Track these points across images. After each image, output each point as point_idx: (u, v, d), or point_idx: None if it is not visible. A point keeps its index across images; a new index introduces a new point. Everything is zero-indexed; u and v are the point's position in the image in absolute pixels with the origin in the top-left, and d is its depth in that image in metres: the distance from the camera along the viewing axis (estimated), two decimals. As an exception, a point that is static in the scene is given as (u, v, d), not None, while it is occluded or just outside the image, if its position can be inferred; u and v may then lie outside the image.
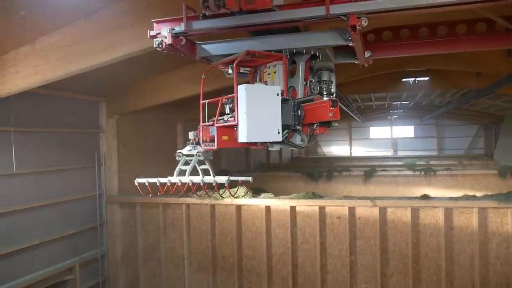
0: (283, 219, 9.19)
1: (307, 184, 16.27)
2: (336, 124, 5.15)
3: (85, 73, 6.54)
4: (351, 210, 8.84)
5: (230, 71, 5.08)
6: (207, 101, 4.82)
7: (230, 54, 4.76)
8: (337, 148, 36.04)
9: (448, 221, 8.36)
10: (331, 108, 4.35)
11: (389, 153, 34.47)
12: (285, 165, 24.77)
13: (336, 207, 8.93)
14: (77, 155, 9.45)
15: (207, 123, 4.75)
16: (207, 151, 6.57)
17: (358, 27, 3.97)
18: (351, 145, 36.25)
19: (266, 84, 4.72)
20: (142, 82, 9.78)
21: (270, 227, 9.30)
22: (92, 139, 9.96)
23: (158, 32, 4.51)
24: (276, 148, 4.64)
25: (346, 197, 9.34)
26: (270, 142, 4.52)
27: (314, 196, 9.27)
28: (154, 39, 4.49)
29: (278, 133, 4.35)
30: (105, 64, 6.23)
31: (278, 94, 4.39)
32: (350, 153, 35.77)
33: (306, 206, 9.08)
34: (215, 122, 4.60)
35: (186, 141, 13.98)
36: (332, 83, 4.94)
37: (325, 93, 4.85)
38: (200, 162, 6.39)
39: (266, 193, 9.71)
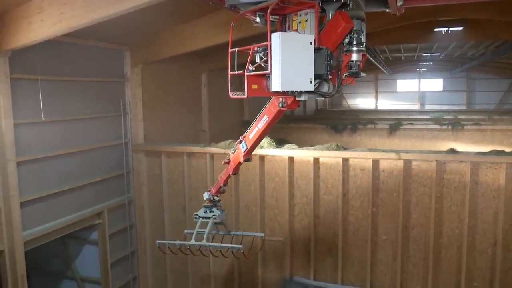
0: (306, 170, 9.24)
1: (331, 136, 16.23)
2: (364, 74, 5.06)
3: (109, 21, 6.45)
4: (375, 162, 8.79)
5: (257, 19, 4.96)
6: (236, 49, 4.74)
7: (259, 2, 4.64)
8: (362, 101, 35.53)
9: (474, 176, 8.25)
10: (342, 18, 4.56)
11: (416, 106, 33.81)
12: (309, 117, 24.63)
13: (360, 159, 8.90)
14: (103, 104, 9.57)
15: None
16: (222, 212, 6.90)
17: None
18: (377, 98, 35.66)
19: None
20: (166, 30, 9.66)
21: (293, 178, 9.38)
22: (117, 88, 10.02)
23: None
24: (304, 98, 4.60)
25: (370, 149, 9.26)
26: (298, 92, 4.47)
27: (338, 147, 9.21)
28: None
29: (311, 82, 4.31)
30: (129, 11, 6.12)
31: (311, 43, 4.32)
32: (376, 106, 35.24)
33: (330, 158, 9.08)
34: (245, 71, 4.56)
35: (209, 93, 14.05)
36: (362, 32, 4.78)
37: (355, 43, 4.71)
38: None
39: (290, 144, 9.70)
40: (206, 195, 7.08)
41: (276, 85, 4.25)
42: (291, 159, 9.30)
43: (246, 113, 16.71)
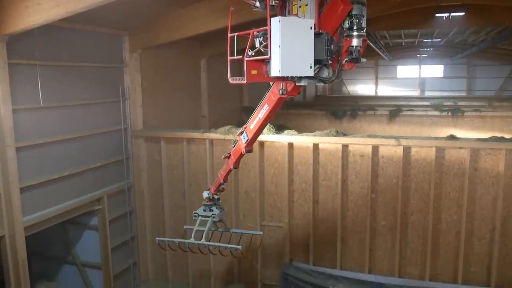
0: (306, 156, 9.24)
1: (330, 123, 16.22)
2: (364, 60, 5.02)
3: (108, 6, 6.39)
4: (375, 148, 8.79)
5: (257, 3, 4.91)
6: (235, 34, 4.71)
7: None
8: (362, 87, 35.39)
9: (473, 163, 8.26)
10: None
11: (416, 93, 33.69)
12: (309, 103, 24.56)
13: (359, 146, 8.90)
14: (102, 89, 9.52)
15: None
16: (221, 210, 6.96)
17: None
18: (377, 84, 35.51)
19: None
20: (165, 15, 9.57)
21: (293, 164, 9.39)
22: (116, 74, 9.97)
23: None
24: (303, 83, 4.57)
25: (370, 136, 9.25)
26: (298, 77, 4.44)
27: (338, 134, 9.21)
28: None
29: (310, 67, 4.28)
30: (127, -5, 6.08)
31: (311, 28, 4.28)
32: (376, 92, 35.11)
33: (329, 144, 9.08)
34: (245, 56, 4.49)
35: (209, 79, 13.98)
36: (363, 17, 4.72)
37: (355, 28, 4.66)
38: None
39: (289, 130, 9.69)
40: (205, 194, 7.14)
41: (275, 70, 4.22)
42: (290, 145, 9.30)
43: (246, 99, 16.67)
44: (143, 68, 10.44)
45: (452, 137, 8.68)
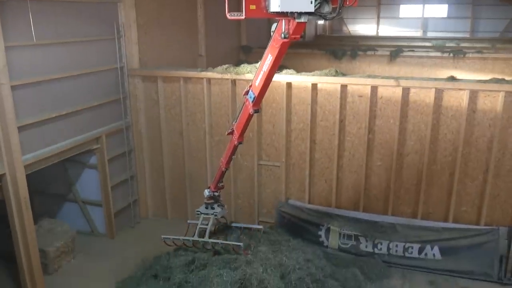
0: (304, 96, 9.19)
1: (330, 62, 15.94)
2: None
3: None
4: (374, 89, 8.73)
5: None
6: None
7: None
8: (363, 27, 34.45)
9: (472, 104, 8.24)
10: None
11: (418, 34, 32.91)
12: (308, 43, 24.01)
13: (358, 86, 8.83)
14: (96, 26, 9.24)
15: None
16: (222, 208, 7.24)
17: None
18: (379, 23, 34.55)
19: None
20: None
21: (291, 104, 9.35)
22: (110, 10, 9.63)
23: None
24: (303, 19, 4.43)
25: (369, 76, 9.15)
26: (298, 13, 4.30)
27: (337, 73, 9.11)
28: None
29: (311, 2, 4.13)
30: None
31: None
32: (377, 32, 34.29)
33: (328, 84, 8.99)
34: None
35: (206, 16, 13.56)
36: None
37: (358, -40, 4.46)
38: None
39: (288, 70, 9.57)
40: (206, 193, 7.27)
41: (275, 5, 4.09)
42: (289, 85, 9.22)
43: (244, 38, 16.30)
44: (138, 4, 10.08)
45: (451, 79, 8.59)
